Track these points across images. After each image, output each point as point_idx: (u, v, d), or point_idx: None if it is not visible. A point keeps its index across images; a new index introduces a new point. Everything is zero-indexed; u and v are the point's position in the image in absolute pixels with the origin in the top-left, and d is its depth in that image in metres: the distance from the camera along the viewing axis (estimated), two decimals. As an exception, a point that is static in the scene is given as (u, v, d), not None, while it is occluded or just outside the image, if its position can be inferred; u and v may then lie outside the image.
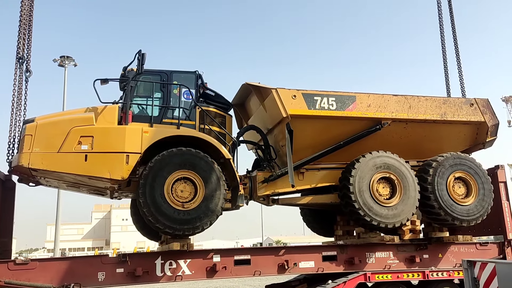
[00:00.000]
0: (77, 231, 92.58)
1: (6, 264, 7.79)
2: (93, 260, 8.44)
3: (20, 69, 8.86)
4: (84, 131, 7.98)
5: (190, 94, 8.93)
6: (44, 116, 8.42)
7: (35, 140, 7.84)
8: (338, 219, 10.75)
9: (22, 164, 7.72)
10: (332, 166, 9.85)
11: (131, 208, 10.46)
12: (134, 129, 8.20)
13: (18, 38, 8.83)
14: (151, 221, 7.95)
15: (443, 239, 10.04)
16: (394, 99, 9.78)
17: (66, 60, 29.14)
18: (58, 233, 28.22)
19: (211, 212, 8.23)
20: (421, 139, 10.12)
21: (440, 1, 12.34)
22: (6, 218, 8.67)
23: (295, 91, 9.17)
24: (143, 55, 8.44)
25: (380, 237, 9.62)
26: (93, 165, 7.87)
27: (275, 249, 9.40)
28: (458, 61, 11.84)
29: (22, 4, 8.92)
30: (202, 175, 8.26)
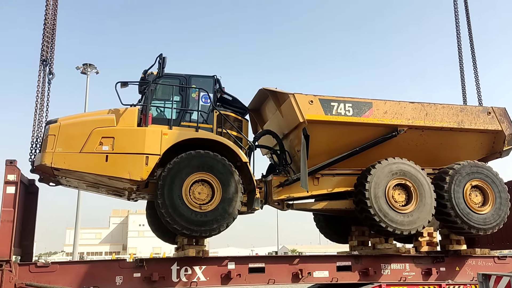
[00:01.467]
0: (95, 235, 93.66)
1: (28, 267, 8.01)
2: (111, 264, 8.63)
3: (43, 71, 9.14)
4: (105, 132, 8.21)
5: (208, 98, 9.12)
6: (66, 117, 8.68)
7: (58, 140, 8.09)
8: (353, 229, 10.72)
9: (45, 163, 7.97)
10: (347, 172, 9.87)
11: (147, 210, 10.65)
12: (154, 131, 8.40)
13: (43, 41, 9.13)
14: (169, 222, 8.10)
15: (461, 252, 9.93)
16: (410, 106, 9.79)
17: (89, 68, 30.00)
18: (77, 237, 28.69)
19: (228, 214, 8.36)
20: (437, 147, 10.09)
21: (457, 7, 12.33)
22: (29, 222, 8.90)
23: (312, 97, 9.26)
24: (164, 58, 8.67)
25: (395, 248, 9.58)
26: (113, 166, 8.07)
27: (289, 258, 9.41)
28: (475, 69, 11.80)
29: (46, 10, 9.24)
30: (220, 178, 8.41)
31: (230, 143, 8.75)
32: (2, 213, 7.69)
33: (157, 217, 9.12)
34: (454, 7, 12.37)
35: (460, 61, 12.19)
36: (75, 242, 28.80)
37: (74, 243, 28.89)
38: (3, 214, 7.69)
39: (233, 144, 8.82)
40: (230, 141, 8.84)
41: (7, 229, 7.63)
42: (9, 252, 7.58)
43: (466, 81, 12.02)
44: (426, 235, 10.04)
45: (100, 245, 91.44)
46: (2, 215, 7.68)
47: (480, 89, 11.64)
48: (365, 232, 10.51)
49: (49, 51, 9.18)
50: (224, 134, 9.06)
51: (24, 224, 8.67)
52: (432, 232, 10.14)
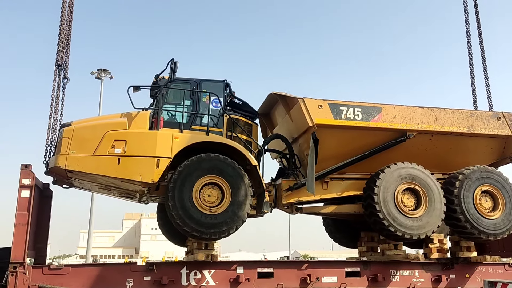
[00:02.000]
0: (108, 238, 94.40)
1: (41, 269, 8.16)
2: (122, 268, 8.74)
3: (58, 75, 9.37)
4: (118, 135, 8.37)
5: (219, 102, 9.26)
6: (80, 120, 8.87)
7: (72, 143, 8.28)
8: (362, 235, 10.73)
9: (59, 165, 8.16)
10: (356, 176, 9.91)
11: (158, 212, 10.80)
12: (165, 135, 8.55)
13: (58, 46, 9.35)
14: (179, 224, 8.23)
15: (471, 259, 9.89)
16: (420, 111, 9.81)
17: (103, 73, 30.24)
18: (90, 240, 28.86)
19: (237, 217, 8.45)
20: (447, 152, 10.08)
21: (468, 11, 12.33)
22: (43, 225, 9.07)
23: (321, 101, 9.34)
24: (175, 63, 8.83)
25: (405, 254, 9.56)
26: (125, 168, 8.23)
27: (298, 263, 9.47)
28: (486, 74, 11.77)
29: (62, 15, 9.48)
30: (229, 181, 8.51)
31: (239, 146, 8.86)
32: (17, 217, 7.86)
33: (168, 219, 9.25)
34: (465, 11, 12.38)
35: (470, 66, 12.19)
36: (88, 245, 28.97)
37: (88, 246, 29.06)
38: (18, 217, 7.85)
39: (243, 147, 8.93)
40: (240, 145, 8.95)
41: (21, 232, 7.79)
42: (23, 254, 7.73)
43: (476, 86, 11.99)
44: (436, 241, 10.00)
45: (113, 248, 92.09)
46: (17, 219, 7.85)
47: (490, 94, 11.66)
48: (374, 238, 10.51)
49: (64, 56, 9.41)
50: (234, 138, 9.17)
51: (38, 227, 8.83)
52: (443, 239, 10.11)
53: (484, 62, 11.93)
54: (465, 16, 12.45)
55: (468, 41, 12.27)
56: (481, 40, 12.08)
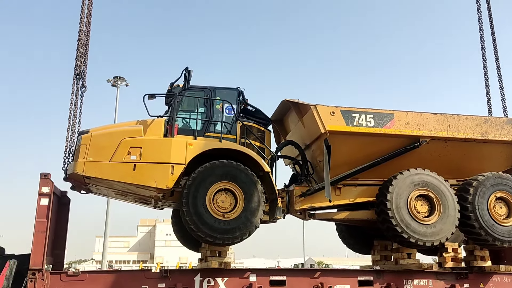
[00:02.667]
0: (123, 244, 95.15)
1: (59, 275, 8.31)
2: (138, 274, 8.85)
3: (77, 84, 9.62)
4: (133, 142, 8.57)
5: (232, 109, 9.40)
6: (97, 128, 9.11)
7: (89, 150, 8.50)
8: (375, 243, 10.72)
9: (77, 171, 8.39)
10: (369, 183, 9.93)
11: (173, 218, 10.96)
12: (180, 141, 8.72)
13: (76, 56, 9.62)
14: (193, 229, 8.36)
15: (485, 268, 9.80)
16: (433, 117, 9.81)
17: (119, 81, 30.60)
18: (106, 245, 29.16)
19: (250, 223, 8.55)
20: (461, 158, 10.05)
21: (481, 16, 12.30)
22: (61, 232, 9.26)
23: (334, 108, 9.42)
24: (189, 71, 9.02)
25: (418, 264, 9.52)
26: (140, 175, 8.41)
27: (311, 271, 9.46)
28: (500, 80, 11.72)
29: (80, 26, 9.76)
30: (242, 187, 8.62)
31: (252, 153, 8.98)
32: (36, 224, 8.04)
33: (182, 225, 9.40)
34: (478, 16, 12.35)
35: (485, 72, 12.13)
36: (104, 251, 29.26)
37: (103, 252, 29.34)
38: (37, 225, 8.04)
39: (256, 154, 9.04)
40: (253, 151, 9.07)
41: (40, 239, 7.98)
42: (42, 261, 7.91)
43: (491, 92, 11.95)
44: (450, 250, 10.00)
45: (128, 254, 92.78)
46: (36, 226, 8.03)
47: (505, 101, 11.57)
48: (387, 247, 10.48)
49: (82, 66, 9.67)
50: (248, 145, 9.29)
51: (56, 234, 9.02)
52: (457, 248, 10.10)
53: (499, 68, 11.88)
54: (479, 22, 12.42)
55: (482, 48, 12.24)
56: (495, 46, 12.04)
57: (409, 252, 9.76)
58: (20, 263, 8.19)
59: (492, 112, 11.86)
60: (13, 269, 8.09)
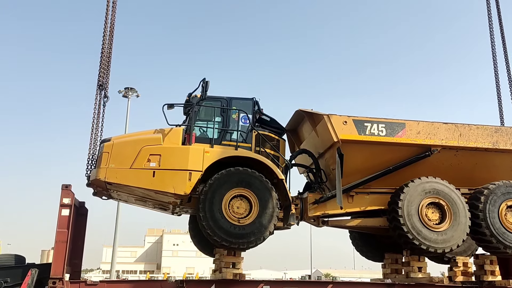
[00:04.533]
0: (130, 253, 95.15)
1: (78, 285, 8.52)
2: (154, 285, 9.18)
3: (100, 95, 10.02)
4: (153, 150, 8.89)
5: (248, 119, 9.70)
6: (119, 136, 9.48)
7: (111, 157, 8.85)
8: (386, 256, 10.85)
9: (99, 178, 8.72)
10: (381, 191, 10.11)
11: (189, 224, 11.22)
12: (197, 149, 9.02)
13: (100, 68, 10.02)
14: (209, 234, 8.62)
15: (495, 283, 9.85)
16: (444, 127, 10.02)
17: (130, 92, 30.95)
18: (115, 255, 29.11)
19: (264, 228, 8.80)
20: (472, 167, 10.22)
21: (492, 25, 12.52)
22: (78, 241, 9.43)
23: (346, 117, 9.67)
24: (207, 82, 9.35)
25: (429, 277, 9.63)
26: (159, 181, 8.72)
27: (322, 283, 9.69)
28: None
29: (104, 38, 10.18)
30: (257, 194, 8.89)
31: (267, 161, 9.25)
32: (57, 234, 8.30)
33: (199, 230, 9.67)
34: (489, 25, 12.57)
35: (496, 81, 12.33)
36: (113, 261, 29.17)
37: (112, 262, 29.25)
38: (58, 235, 8.30)
39: (270, 162, 9.31)
40: (268, 159, 9.34)
41: (61, 249, 8.23)
42: (62, 270, 8.14)
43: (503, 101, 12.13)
44: (461, 264, 10.11)
45: (135, 264, 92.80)
46: (57, 236, 8.29)
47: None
48: (398, 260, 10.62)
49: (105, 77, 10.05)
50: (262, 153, 9.56)
51: (74, 243, 9.16)
52: (467, 262, 10.21)
53: (510, 77, 12.07)
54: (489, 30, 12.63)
55: (494, 57, 12.44)
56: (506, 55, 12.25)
57: (420, 266, 9.88)
58: (40, 272, 8.39)
59: (504, 121, 12.03)
60: (35, 278, 8.28)
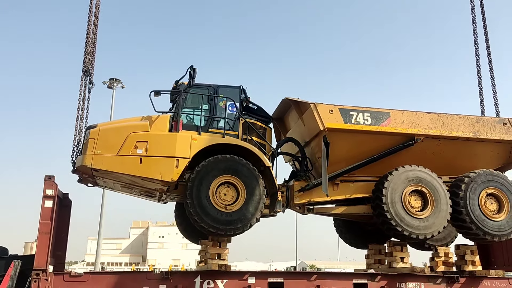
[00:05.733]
0: (115, 246, 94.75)
1: (62, 276, 8.48)
2: (139, 276, 9.06)
3: (85, 81, 9.93)
4: (140, 137, 8.89)
5: (235, 106, 9.75)
6: (105, 122, 9.46)
7: (97, 144, 8.81)
8: (370, 247, 11.07)
9: (85, 164, 8.69)
10: (366, 179, 10.30)
11: (176, 211, 11.26)
12: (184, 136, 9.05)
13: (85, 53, 9.93)
14: (197, 220, 8.69)
15: (476, 273, 10.12)
16: (427, 116, 10.22)
17: (115, 83, 30.52)
18: (100, 247, 28.92)
19: (251, 215, 8.90)
20: (454, 156, 10.45)
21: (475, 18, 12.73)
22: (62, 233, 9.38)
23: (332, 106, 9.79)
24: (194, 70, 9.36)
25: (411, 267, 9.87)
26: (146, 168, 8.73)
27: (307, 274, 9.76)
28: (493, 80, 12.17)
29: (88, 23, 10.07)
30: (244, 181, 8.97)
31: (254, 148, 9.33)
32: (40, 226, 8.24)
33: (185, 218, 9.73)
34: (472, 18, 12.78)
35: (478, 73, 12.56)
36: (97, 253, 29.01)
37: (97, 254, 29.08)
38: (41, 226, 8.24)
39: (257, 149, 9.39)
40: (255, 147, 9.42)
41: (44, 241, 8.19)
42: (45, 262, 8.09)
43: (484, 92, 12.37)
44: (442, 255, 10.39)
45: (120, 256, 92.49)
46: (40, 227, 8.24)
47: (497, 101, 12.00)
48: (381, 251, 10.83)
49: (90, 63, 9.98)
50: (249, 141, 9.63)
51: (57, 235, 9.12)
52: (449, 252, 10.49)
53: (491, 69, 12.32)
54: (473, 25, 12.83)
55: (476, 48, 12.65)
56: (488, 47, 12.48)
57: (402, 256, 10.15)
58: (23, 264, 8.37)
59: (484, 111, 12.28)
60: (18, 269, 8.26)
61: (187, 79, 9.55)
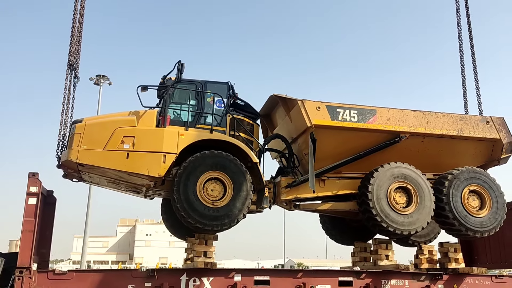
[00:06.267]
0: (102, 244, 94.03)
1: (46, 274, 8.37)
2: (125, 274, 8.95)
3: (70, 75, 9.84)
4: (127, 132, 8.85)
5: (223, 102, 9.77)
6: (91, 117, 9.38)
7: (83, 138, 8.75)
8: (355, 245, 11.19)
9: (71, 159, 8.62)
10: (352, 175, 10.42)
11: (162, 207, 11.24)
12: (172, 132, 9.04)
13: (70, 47, 9.83)
14: (183, 216, 8.69)
15: (459, 270, 10.26)
16: (412, 114, 10.35)
17: (102, 79, 30.08)
18: (85, 245, 28.63)
19: (238, 211, 8.93)
20: (438, 154, 10.61)
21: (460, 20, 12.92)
22: (46, 231, 9.30)
23: (320, 103, 9.87)
24: (182, 65, 9.36)
25: (395, 265, 10.00)
26: (133, 163, 8.70)
27: (293, 272, 9.70)
28: (476, 80, 12.37)
29: (74, 18, 9.98)
30: (231, 177, 9.00)
31: (241, 144, 9.36)
32: (24, 223, 8.15)
33: (172, 214, 9.73)
34: (457, 19, 12.96)
35: (462, 73, 12.75)
36: (83, 251, 28.55)
37: (83, 252, 28.61)
38: (25, 224, 8.15)
39: (245, 145, 9.42)
40: (242, 143, 9.45)
41: (28, 238, 8.09)
42: (29, 260, 8.01)
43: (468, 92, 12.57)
44: (426, 252, 10.55)
45: (107, 254, 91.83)
46: (24, 225, 8.14)
47: (480, 100, 12.19)
48: (367, 249, 10.95)
49: (76, 57, 9.91)
50: (237, 137, 9.65)
51: (42, 233, 9.01)
52: (433, 250, 10.66)
53: (475, 69, 12.50)
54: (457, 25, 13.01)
55: (460, 49, 12.83)
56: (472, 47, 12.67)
57: (387, 254, 10.27)
58: (7, 261, 8.28)
59: (468, 110, 12.47)
60: (1, 267, 8.19)
61: (175, 74, 9.55)
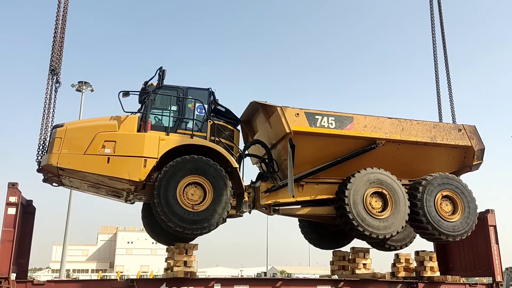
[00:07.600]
0: (82, 252, 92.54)
1: (25, 284, 8.38)
2: (103, 284, 9.01)
3: (52, 80, 9.89)
4: (108, 136, 8.95)
5: (203, 108, 9.94)
6: (72, 122, 9.45)
7: (64, 143, 8.82)
8: (334, 254, 11.36)
9: (51, 163, 8.68)
10: (330, 181, 10.65)
11: (143, 211, 11.30)
12: (152, 137, 9.17)
13: (52, 52, 9.89)
14: (164, 219, 8.79)
15: (434, 278, 10.54)
16: (388, 121, 10.68)
17: (84, 86, 29.84)
18: (65, 254, 28.22)
19: (218, 215, 9.07)
20: (412, 160, 10.94)
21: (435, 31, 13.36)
22: (25, 241, 9.26)
23: (298, 110, 10.11)
24: (163, 71, 9.52)
25: (373, 273, 10.23)
26: (114, 167, 8.79)
27: (273, 280, 9.82)
28: (450, 90, 12.80)
29: (56, 23, 10.05)
30: (211, 181, 9.15)
31: (222, 149, 9.53)
32: (3, 233, 8.18)
33: (152, 218, 9.82)
34: (432, 31, 13.40)
35: (436, 82, 13.18)
36: (62, 259, 28.13)
37: (62, 260, 28.19)
38: (4, 234, 8.18)
39: (225, 151, 9.59)
40: (222, 148, 9.61)
41: (7, 248, 8.13)
42: (8, 270, 8.03)
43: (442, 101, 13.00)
44: (403, 261, 10.83)
45: (87, 262, 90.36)
46: (3, 235, 8.17)
47: (454, 109, 12.60)
48: (345, 257, 11.14)
49: (58, 62, 9.97)
50: (217, 142, 9.81)
51: (21, 243, 8.99)
52: (409, 258, 10.96)
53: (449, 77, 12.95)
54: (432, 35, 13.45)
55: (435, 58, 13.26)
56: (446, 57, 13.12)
57: (364, 263, 10.51)
58: None
59: (442, 118, 12.88)
60: None
61: (156, 80, 9.69)
